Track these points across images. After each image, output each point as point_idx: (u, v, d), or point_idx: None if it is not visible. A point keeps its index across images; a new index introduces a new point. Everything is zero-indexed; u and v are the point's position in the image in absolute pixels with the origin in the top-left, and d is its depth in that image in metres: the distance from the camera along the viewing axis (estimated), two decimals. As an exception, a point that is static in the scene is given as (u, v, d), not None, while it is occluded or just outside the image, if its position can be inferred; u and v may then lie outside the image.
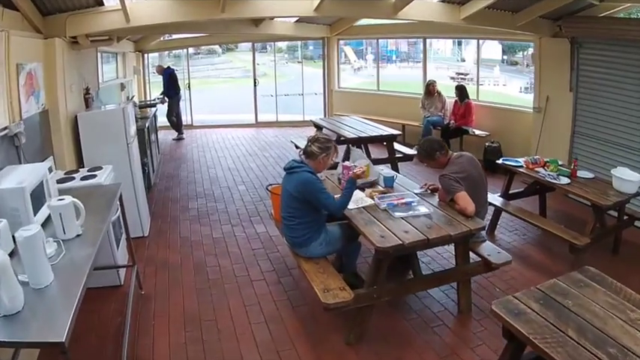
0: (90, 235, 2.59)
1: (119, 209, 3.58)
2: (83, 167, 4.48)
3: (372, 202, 3.54)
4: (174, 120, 9.97)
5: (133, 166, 4.67)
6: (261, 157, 8.25)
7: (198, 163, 7.94)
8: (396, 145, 6.64)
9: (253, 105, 11.10)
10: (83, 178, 3.81)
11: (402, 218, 3.28)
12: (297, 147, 7.20)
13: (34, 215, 2.59)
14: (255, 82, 10.99)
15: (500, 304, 2.21)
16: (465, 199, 3.34)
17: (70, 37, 4.68)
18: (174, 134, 10.12)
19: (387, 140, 6.48)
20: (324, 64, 10.91)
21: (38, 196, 2.69)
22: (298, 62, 17.31)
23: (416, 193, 3.77)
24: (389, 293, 3.18)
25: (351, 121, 7.23)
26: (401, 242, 2.90)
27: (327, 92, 10.92)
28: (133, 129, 4.86)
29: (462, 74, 14.29)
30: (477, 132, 7.53)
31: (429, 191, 3.84)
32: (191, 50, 21.76)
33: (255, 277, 4.05)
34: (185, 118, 10.92)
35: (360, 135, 6.26)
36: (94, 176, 3.85)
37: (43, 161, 3.72)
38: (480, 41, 8.37)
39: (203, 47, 24.49)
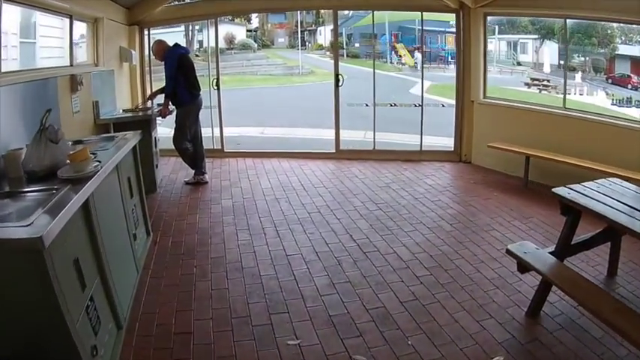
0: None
1: None
2: None
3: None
4: (189, 148, 5.23)
5: None
6: (397, 267, 3.34)
7: (235, 279, 3.17)
8: None
9: (334, 121, 6.25)
10: None
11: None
12: (519, 261, 2.41)
13: None
14: (337, 82, 6.13)
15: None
16: None
17: None
18: (188, 172, 5.45)
19: None
20: (458, 57, 6.10)
21: None
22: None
23: None
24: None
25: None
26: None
27: (463, 104, 6.10)
28: None
29: (537, 80, 11.53)
30: None
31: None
32: (222, 45, 17.77)
33: None
34: (211, 138, 6.31)
35: None
36: None
37: None
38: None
39: (237, 41, 20.69)
